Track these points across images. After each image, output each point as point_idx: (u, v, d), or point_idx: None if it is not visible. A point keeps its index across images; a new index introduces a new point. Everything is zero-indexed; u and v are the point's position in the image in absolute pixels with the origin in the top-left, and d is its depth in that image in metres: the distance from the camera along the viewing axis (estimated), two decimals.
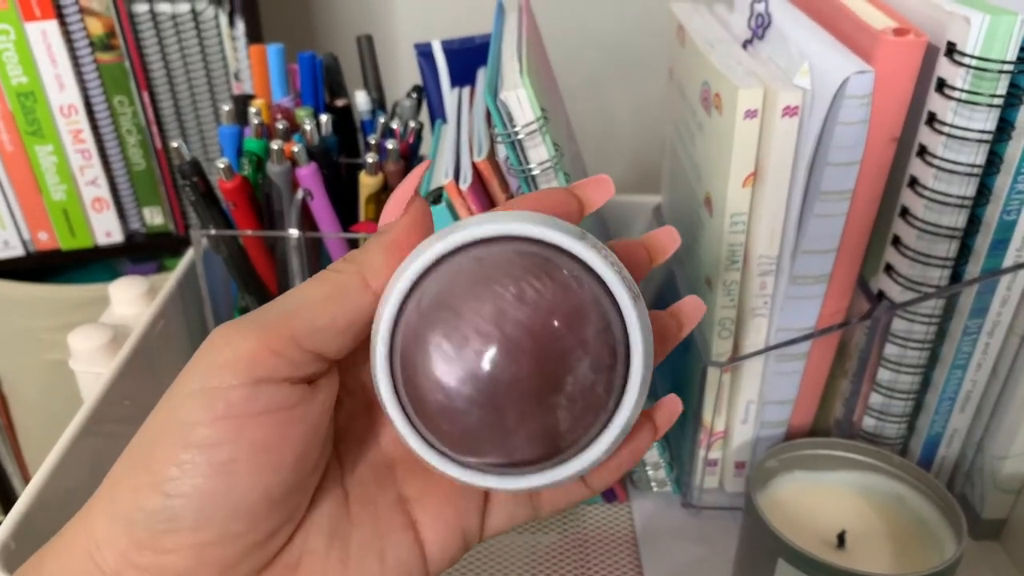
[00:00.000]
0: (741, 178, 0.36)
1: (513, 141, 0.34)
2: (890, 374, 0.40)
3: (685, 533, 0.44)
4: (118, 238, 0.89)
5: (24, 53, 0.78)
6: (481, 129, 0.36)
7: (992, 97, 0.32)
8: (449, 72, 0.45)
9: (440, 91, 0.45)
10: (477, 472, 0.20)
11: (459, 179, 0.34)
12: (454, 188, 0.34)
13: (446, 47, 0.45)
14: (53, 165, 0.83)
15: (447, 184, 0.34)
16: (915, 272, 0.37)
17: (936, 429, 0.41)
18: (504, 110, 0.33)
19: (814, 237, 0.36)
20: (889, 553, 0.37)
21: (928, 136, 0.34)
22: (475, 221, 0.19)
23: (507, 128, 0.34)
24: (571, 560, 0.42)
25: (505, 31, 0.40)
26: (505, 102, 0.33)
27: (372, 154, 0.42)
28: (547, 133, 0.34)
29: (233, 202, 0.42)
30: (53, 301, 0.87)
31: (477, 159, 0.35)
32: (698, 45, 0.39)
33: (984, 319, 0.38)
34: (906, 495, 0.38)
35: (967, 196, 0.35)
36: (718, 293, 0.39)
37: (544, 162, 0.34)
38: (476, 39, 0.45)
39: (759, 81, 0.34)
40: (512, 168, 0.35)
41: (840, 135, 0.33)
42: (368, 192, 0.43)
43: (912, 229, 0.36)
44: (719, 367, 0.40)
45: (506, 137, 0.34)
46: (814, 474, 0.40)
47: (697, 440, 0.43)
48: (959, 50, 0.32)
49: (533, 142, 0.34)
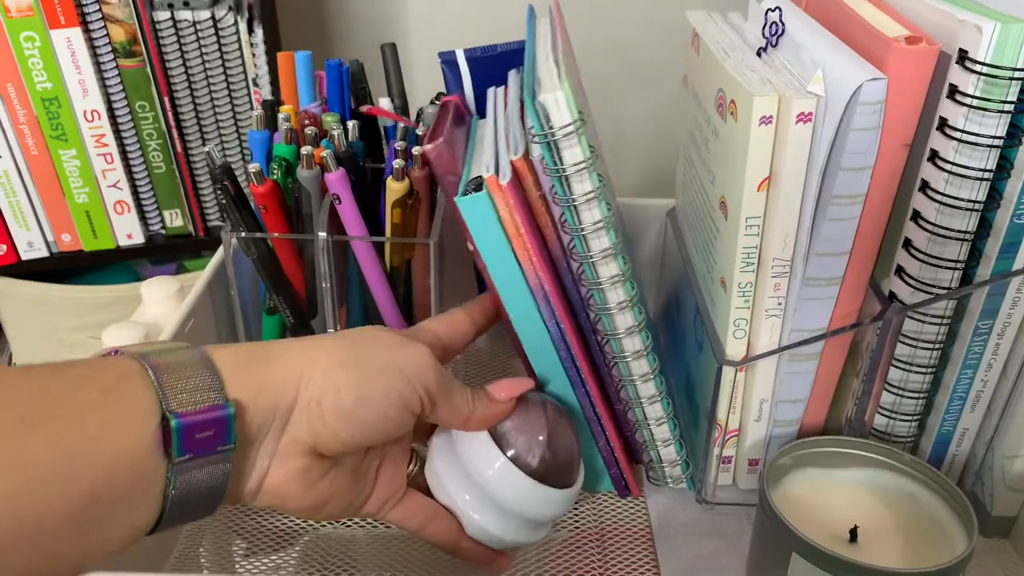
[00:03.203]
0: (756, 183, 0.37)
1: (549, 142, 0.35)
2: (901, 374, 0.40)
3: (700, 528, 0.45)
4: (139, 240, 0.90)
5: (49, 59, 0.79)
6: (516, 129, 0.38)
7: (1003, 103, 0.33)
8: (472, 79, 0.46)
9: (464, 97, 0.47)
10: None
11: (499, 174, 0.36)
12: (495, 182, 0.36)
13: (468, 55, 0.46)
14: (76, 169, 0.85)
15: (488, 177, 0.36)
16: (926, 274, 0.37)
17: (946, 428, 0.42)
18: (543, 111, 0.35)
19: (827, 240, 0.37)
20: (900, 549, 0.37)
21: (940, 141, 0.35)
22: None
23: (544, 129, 0.35)
24: (588, 554, 0.43)
25: (538, 35, 0.41)
26: (544, 104, 0.34)
27: (399, 160, 0.43)
28: (583, 135, 0.35)
29: (264, 205, 0.43)
30: (75, 302, 0.89)
31: (513, 158, 0.36)
32: (713, 53, 0.40)
33: (994, 320, 0.39)
34: (917, 492, 0.39)
35: (978, 200, 0.35)
36: (732, 294, 0.40)
37: (579, 163, 0.35)
38: (498, 47, 0.47)
39: (774, 89, 0.35)
40: (547, 168, 0.36)
41: (853, 141, 0.34)
42: (395, 197, 0.44)
43: (923, 232, 0.37)
44: (733, 366, 0.41)
45: (543, 138, 0.35)
46: (826, 471, 0.41)
47: (712, 438, 0.44)
48: (971, 57, 0.33)
49: (569, 143, 0.35)
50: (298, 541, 0.44)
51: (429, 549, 0.43)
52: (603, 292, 0.39)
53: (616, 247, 0.38)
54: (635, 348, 0.41)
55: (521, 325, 0.40)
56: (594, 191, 0.36)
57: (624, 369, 0.41)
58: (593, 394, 0.43)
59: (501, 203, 0.37)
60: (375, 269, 0.45)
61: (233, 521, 0.45)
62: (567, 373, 0.42)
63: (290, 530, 0.45)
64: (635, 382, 0.42)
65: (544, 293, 0.39)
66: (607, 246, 0.38)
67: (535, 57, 0.39)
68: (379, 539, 0.44)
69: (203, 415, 0.26)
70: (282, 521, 0.45)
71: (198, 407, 0.26)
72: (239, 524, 0.45)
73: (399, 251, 0.46)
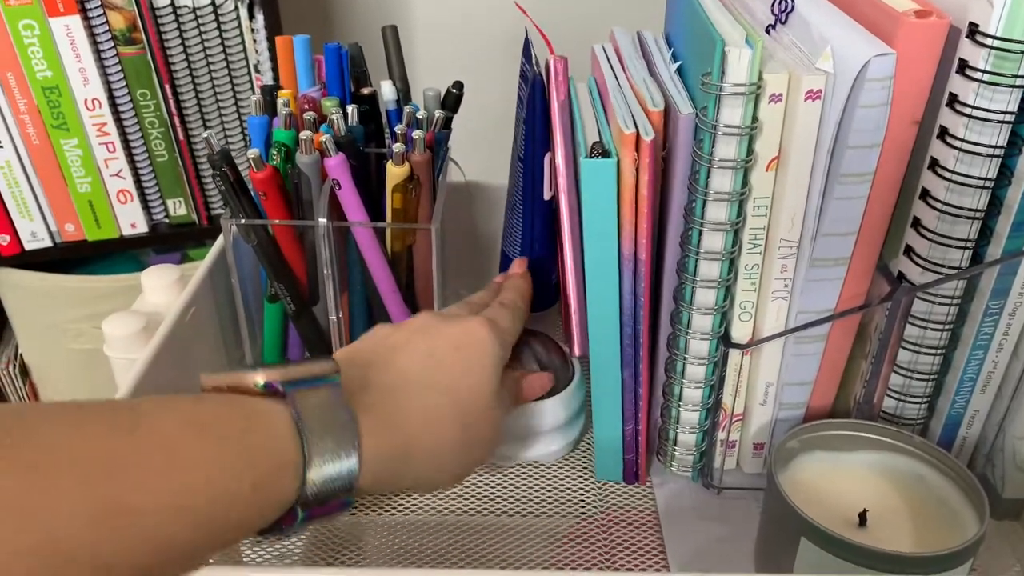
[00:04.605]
0: (765, 162, 0.36)
1: (717, 95, 0.34)
2: (910, 355, 0.40)
3: (706, 513, 0.44)
4: (143, 229, 0.90)
5: (48, 48, 0.79)
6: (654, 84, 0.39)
7: (1015, 78, 0.32)
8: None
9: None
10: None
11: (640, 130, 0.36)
12: (632, 140, 0.36)
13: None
14: (78, 158, 0.84)
15: (628, 134, 0.36)
16: (936, 254, 0.37)
17: (956, 409, 0.42)
18: (723, 61, 0.34)
19: (834, 220, 0.37)
20: (910, 532, 0.37)
21: (950, 118, 0.34)
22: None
23: (719, 79, 0.34)
24: (595, 540, 0.43)
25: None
26: (727, 55, 0.33)
27: (399, 144, 0.43)
28: (751, 102, 0.34)
29: (263, 192, 0.43)
30: (79, 292, 0.89)
31: (653, 109, 0.37)
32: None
33: (1005, 300, 0.38)
34: (927, 475, 0.39)
35: (988, 177, 0.35)
36: (739, 276, 0.39)
37: (734, 127, 0.35)
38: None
39: (783, 66, 0.35)
40: (703, 121, 0.35)
41: (861, 118, 0.34)
42: (395, 181, 0.43)
43: (933, 211, 0.36)
44: (740, 349, 0.41)
45: (714, 87, 0.34)
46: (835, 454, 0.40)
47: (716, 421, 0.43)
48: (981, 31, 0.32)
49: (733, 103, 0.34)
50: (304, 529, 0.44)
51: (435, 538, 0.43)
52: (698, 263, 0.38)
53: (731, 224, 0.37)
54: (704, 329, 0.40)
55: (596, 295, 0.40)
56: (733, 161, 0.36)
57: (683, 345, 0.41)
58: (642, 375, 0.43)
59: (628, 162, 0.37)
60: (376, 255, 0.45)
61: None
62: (622, 352, 0.42)
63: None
64: (691, 362, 0.41)
65: (635, 264, 0.39)
66: (722, 219, 0.37)
67: (705, 9, 0.38)
68: (385, 527, 0.44)
69: (330, 508, 0.28)
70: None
71: (327, 503, 0.28)
72: None
73: (400, 237, 0.46)
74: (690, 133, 0.37)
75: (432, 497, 0.46)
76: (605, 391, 0.43)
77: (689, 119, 0.36)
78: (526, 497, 0.46)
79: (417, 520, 0.44)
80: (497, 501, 0.46)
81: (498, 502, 0.46)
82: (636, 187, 0.38)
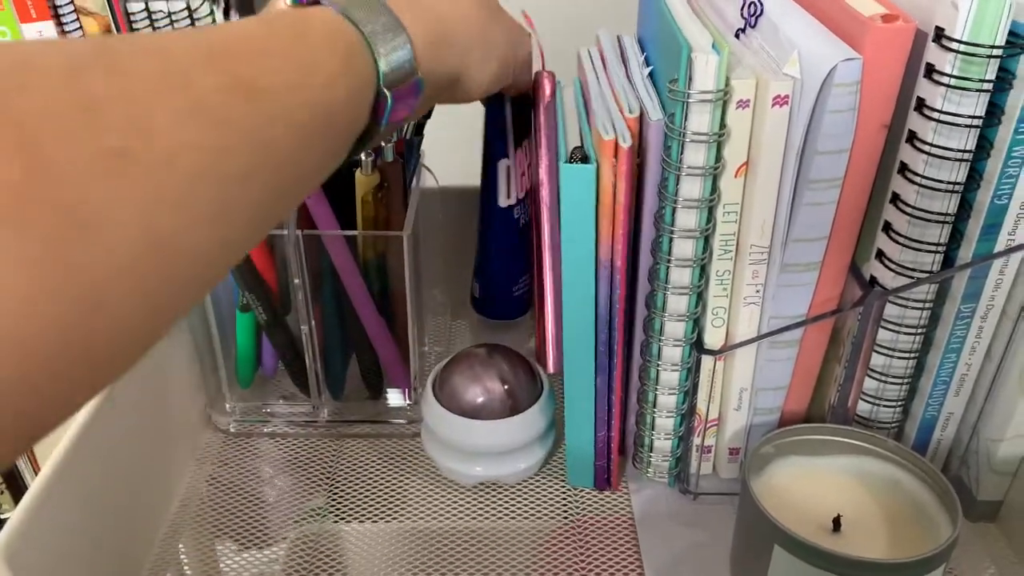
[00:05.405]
0: (734, 168, 0.36)
1: (683, 101, 0.34)
2: (884, 359, 0.40)
3: (682, 518, 0.44)
4: None
5: None
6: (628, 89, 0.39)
7: (981, 82, 0.32)
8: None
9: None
10: None
11: (619, 137, 0.36)
12: (611, 146, 0.36)
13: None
14: None
15: (607, 140, 0.36)
16: (907, 258, 0.37)
17: (931, 413, 0.42)
18: (690, 68, 0.33)
19: (805, 225, 0.36)
20: (885, 536, 0.37)
21: (918, 122, 0.34)
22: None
23: (684, 86, 0.34)
24: (571, 545, 0.43)
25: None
26: (694, 61, 0.33)
27: (368, 152, 0.42)
28: (718, 109, 0.34)
29: None
30: None
31: (629, 116, 0.37)
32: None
33: (977, 303, 0.38)
34: (901, 478, 0.39)
35: (958, 181, 0.35)
36: (711, 282, 0.39)
37: (702, 134, 0.35)
38: None
39: (750, 71, 0.35)
40: (670, 128, 0.35)
41: (829, 123, 0.33)
42: (364, 190, 0.43)
43: (903, 215, 0.36)
44: (713, 355, 0.41)
45: (680, 94, 0.34)
46: (809, 459, 0.40)
47: (691, 427, 0.43)
48: (947, 35, 0.32)
49: (701, 110, 0.34)
50: (285, 539, 0.44)
51: (419, 546, 0.43)
52: (669, 269, 0.38)
53: (701, 231, 0.37)
54: (676, 336, 0.40)
55: (572, 300, 0.40)
56: (702, 168, 0.35)
57: (656, 351, 0.41)
58: (616, 381, 0.42)
59: (608, 169, 0.36)
60: (348, 263, 0.45)
61: (217, 521, 0.45)
62: (596, 358, 0.41)
63: (276, 529, 0.44)
64: (664, 368, 0.41)
65: (611, 270, 0.39)
66: (692, 226, 0.37)
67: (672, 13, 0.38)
68: (367, 536, 0.44)
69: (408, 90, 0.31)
70: (268, 520, 0.45)
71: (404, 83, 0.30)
72: (223, 524, 0.45)
73: (372, 244, 0.46)
74: (661, 139, 0.36)
75: (405, 504, 0.46)
76: (578, 398, 0.43)
77: (659, 126, 0.36)
78: (501, 503, 0.46)
79: (388, 528, 0.44)
80: (471, 507, 0.45)
81: (472, 508, 0.45)
82: (614, 193, 0.38)
